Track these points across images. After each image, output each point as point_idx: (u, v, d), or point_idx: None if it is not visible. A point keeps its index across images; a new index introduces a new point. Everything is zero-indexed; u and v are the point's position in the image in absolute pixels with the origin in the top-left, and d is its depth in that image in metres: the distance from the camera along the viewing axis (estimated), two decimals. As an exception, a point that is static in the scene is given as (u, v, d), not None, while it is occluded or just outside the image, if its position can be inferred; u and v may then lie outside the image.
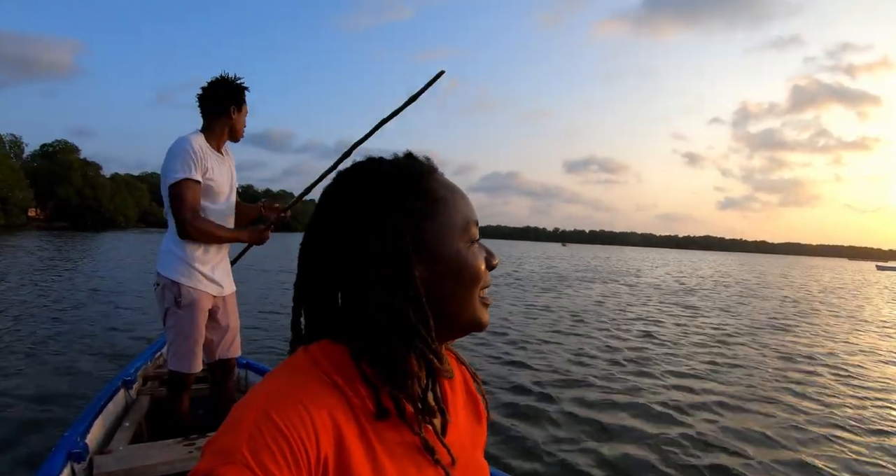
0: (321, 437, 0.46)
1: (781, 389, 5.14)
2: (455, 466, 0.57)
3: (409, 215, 0.54)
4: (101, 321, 6.96)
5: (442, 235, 0.55)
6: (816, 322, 10.69)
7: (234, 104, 2.16)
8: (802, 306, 13.88)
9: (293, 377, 0.51)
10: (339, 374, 0.52)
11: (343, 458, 0.47)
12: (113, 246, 27.05)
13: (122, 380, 2.40)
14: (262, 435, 0.43)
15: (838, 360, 6.84)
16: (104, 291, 9.89)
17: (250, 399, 0.48)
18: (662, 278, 22.78)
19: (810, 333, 9.09)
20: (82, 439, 1.76)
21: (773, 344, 7.74)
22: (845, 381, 5.71)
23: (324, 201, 0.57)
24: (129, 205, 77.86)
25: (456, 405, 0.64)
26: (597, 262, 36.94)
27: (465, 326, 0.57)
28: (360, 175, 0.56)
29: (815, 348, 7.55)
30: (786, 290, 20.06)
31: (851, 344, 8.24)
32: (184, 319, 2.07)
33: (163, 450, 1.79)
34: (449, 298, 0.55)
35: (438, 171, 0.59)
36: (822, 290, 21.38)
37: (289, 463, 0.43)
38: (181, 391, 2.13)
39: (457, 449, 0.58)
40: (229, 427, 0.45)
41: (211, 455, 0.43)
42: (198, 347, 2.10)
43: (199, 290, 2.08)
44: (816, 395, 5.07)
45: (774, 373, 5.85)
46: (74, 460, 1.63)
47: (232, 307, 2.28)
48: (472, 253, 0.57)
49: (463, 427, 0.63)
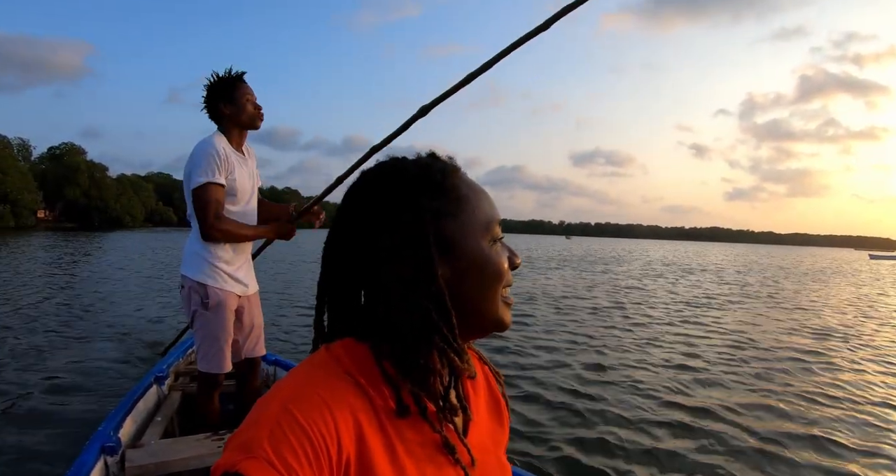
0: (343, 435, 0.46)
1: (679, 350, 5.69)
2: (476, 467, 0.57)
3: (431, 214, 0.54)
4: (128, 317, 7.06)
5: (464, 234, 0.55)
6: (743, 303, 11.22)
7: (221, 100, 2.12)
8: (748, 289, 14.44)
9: (315, 375, 0.51)
10: (360, 372, 0.52)
11: (364, 456, 0.48)
12: (122, 245, 27.66)
13: (155, 376, 2.45)
14: (283, 431, 0.44)
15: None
16: (124, 288, 10.14)
17: (273, 395, 0.48)
18: (652, 266, 23.33)
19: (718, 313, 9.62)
20: (115, 433, 1.79)
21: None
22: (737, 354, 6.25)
23: (347, 200, 0.58)
24: (136, 205, 78.88)
25: (478, 405, 0.64)
26: (601, 254, 37.37)
27: (487, 326, 0.57)
28: (383, 174, 0.57)
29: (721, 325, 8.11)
30: (750, 275, 20.61)
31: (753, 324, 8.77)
32: (211, 321, 2.06)
33: (193, 444, 1.81)
34: (471, 297, 0.55)
35: (461, 170, 0.60)
36: (786, 276, 21.94)
37: (310, 459, 0.43)
38: (212, 390, 2.13)
39: (478, 449, 0.58)
40: (251, 423, 0.46)
41: (233, 449, 0.44)
42: (227, 348, 2.10)
43: (225, 290, 2.07)
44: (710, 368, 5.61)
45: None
46: (107, 453, 1.66)
47: (256, 306, 2.28)
48: (495, 251, 0.57)
49: (484, 427, 0.63)
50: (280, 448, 0.43)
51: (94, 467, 1.56)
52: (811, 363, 5.83)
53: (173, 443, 1.86)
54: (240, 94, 2.12)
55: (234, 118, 2.13)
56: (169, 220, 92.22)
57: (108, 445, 1.66)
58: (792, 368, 5.55)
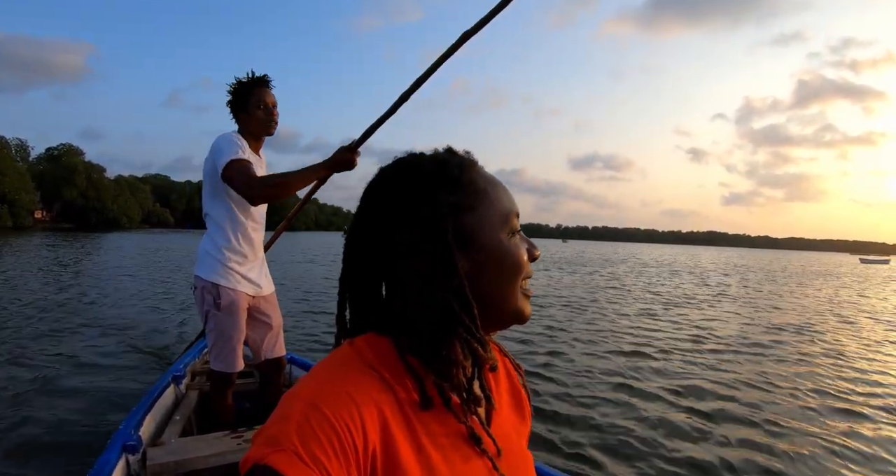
0: (368, 429, 0.47)
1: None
2: (500, 457, 0.57)
3: (449, 207, 0.55)
4: (135, 317, 7.10)
5: (483, 227, 0.56)
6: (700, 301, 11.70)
7: (235, 109, 2.12)
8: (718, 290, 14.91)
9: (339, 370, 0.52)
10: (384, 366, 0.53)
11: (390, 450, 0.48)
12: (118, 245, 27.98)
13: (172, 375, 2.48)
14: (310, 425, 0.45)
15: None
16: (128, 288, 10.25)
17: (298, 391, 0.49)
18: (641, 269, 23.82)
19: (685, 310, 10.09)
20: (136, 432, 1.81)
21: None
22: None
23: (366, 196, 0.59)
24: (132, 206, 79.13)
25: (500, 397, 0.65)
26: (593, 256, 37.84)
27: (507, 318, 0.58)
28: (400, 170, 0.58)
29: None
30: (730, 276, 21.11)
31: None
32: (224, 321, 2.06)
33: (212, 442, 1.83)
34: (491, 289, 0.56)
35: (478, 164, 0.60)
36: (770, 279, 22.43)
37: (337, 453, 0.44)
38: (224, 389, 2.15)
39: (502, 439, 0.59)
40: (279, 417, 0.46)
41: (262, 443, 0.44)
42: (239, 347, 2.11)
43: (237, 290, 2.07)
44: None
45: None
46: (129, 452, 1.67)
47: (272, 306, 2.27)
48: (514, 243, 0.58)
49: (507, 418, 0.64)
50: (307, 441, 0.44)
51: (117, 466, 1.58)
52: (764, 354, 6.33)
53: (193, 441, 1.89)
54: (253, 101, 2.09)
55: (247, 127, 2.12)
56: (166, 222, 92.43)
57: (129, 444, 1.68)
58: (742, 359, 6.05)
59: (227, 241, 2.08)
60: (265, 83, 2.13)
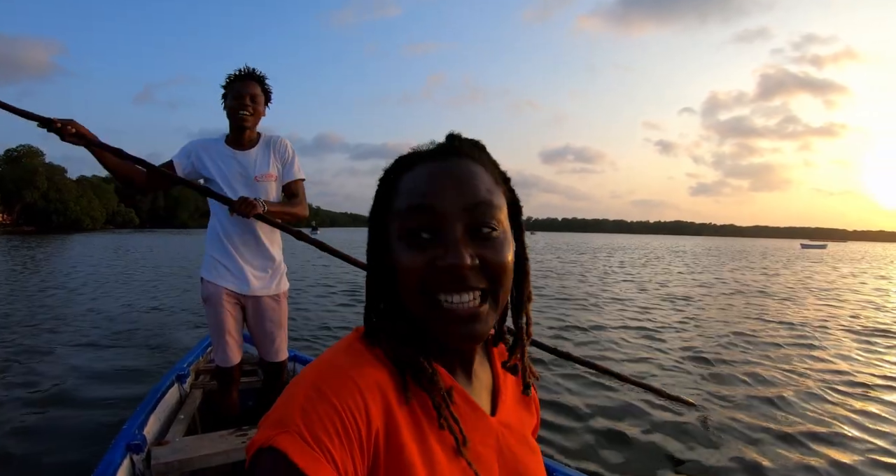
0: (372, 411, 0.48)
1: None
2: (501, 449, 0.57)
3: (376, 204, 0.57)
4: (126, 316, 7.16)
5: (392, 227, 0.54)
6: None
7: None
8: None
9: (344, 355, 0.53)
10: (386, 351, 0.53)
11: (393, 433, 0.49)
12: (70, 247, 27.74)
13: (176, 374, 2.47)
14: (314, 409, 0.45)
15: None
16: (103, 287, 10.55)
17: (303, 375, 0.50)
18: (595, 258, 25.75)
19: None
20: (140, 431, 1.80)
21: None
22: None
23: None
24: (96, 207, 77.94)
25: (506, 388, 0.63)
26: (557, 245, 39.68)
27: (431, 335, 0.53)
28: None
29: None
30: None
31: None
32: (209, 314, 2.12)
33: (216, 441, 1.82)
34: (403, 298, 0.54)
35: (440, 159, 0.54)
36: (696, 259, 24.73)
37: (340, 434, 0.45)
38: (226, 384, 2.17)
39: (505, 430, 0.59)
40: (284, 401, 0.47)
41: (267, 426, 0.45)
42: (227, 341, 2.11)
43: (217, 284, 2.10)
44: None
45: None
46: (133, 452, 1.66)
47: (270, 310, 2.22)
48: (402, 247, 0.52)
49: (511, 407, 0.63)
50: (311, 423, 0.44)
51: (121, 465, 1.58)
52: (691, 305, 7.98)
53: (197, 440, 1.88)
54: (227, 94, 2.16)
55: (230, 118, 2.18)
56: (131, 222, 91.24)
57: (133, 443, 1.68)
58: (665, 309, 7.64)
59: (212, 238, 2.18)
60: (242, 76, 2.17)
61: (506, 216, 0.55)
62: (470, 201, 0.51)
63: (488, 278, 0.52)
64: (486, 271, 0.51)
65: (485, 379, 0.61)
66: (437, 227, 0.51)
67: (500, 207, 0.54)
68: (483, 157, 0.56)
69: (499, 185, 0.56)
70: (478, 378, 0.60)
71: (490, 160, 0.57)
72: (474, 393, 0.59)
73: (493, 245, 0.52)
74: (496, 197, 0.54)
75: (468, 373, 0.59)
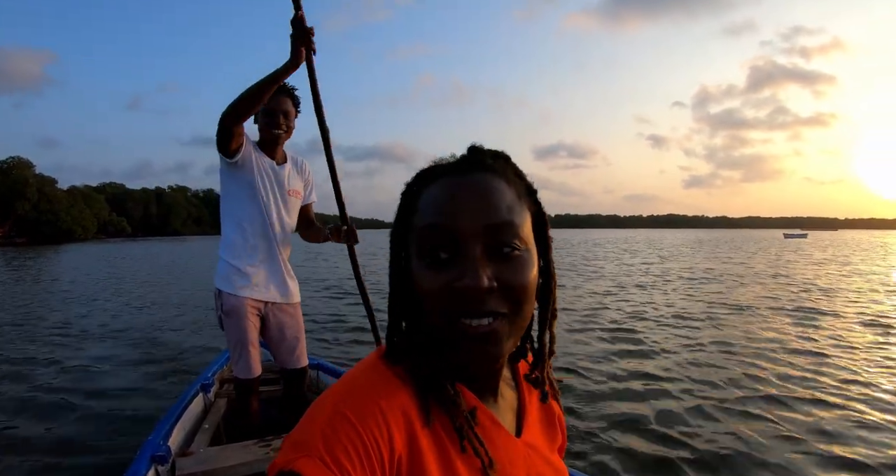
0: (395, 435, 0.47)
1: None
2: (530, 471, 0.56)
3: (398, 222, 0.55)
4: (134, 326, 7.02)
5: (412, 246, 0.53)
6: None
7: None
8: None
9: (367, 377, 0.52)
10: (409, 372, 0.53)
11: (415, 456, 0.48)
12: (63, 258, 27.75)
13: (201, 384, 2.45)
14: (336, 433, 0.45)
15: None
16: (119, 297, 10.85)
17: (326, 397, 0.49)
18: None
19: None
20: (164, 442, 1.80)
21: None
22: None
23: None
24: (87, 216, 78.09)
25: (532, 407, 0.63)
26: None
27: (445, 357, 0.52)
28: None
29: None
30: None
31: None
32: (231, 326, 2.08)
33: (240, 451, 1.82)
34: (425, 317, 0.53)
35: (461, 174, 0.52)
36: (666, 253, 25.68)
37: (361, 458, 0.44)
38: (247, 395, 2.14)
39: (529, 450, 0.58)
40: (306, 423, 0.47)
41: (288, 449, 0.45)
42: (251, 352, 2.09)
43: (239, 296, 2.07)
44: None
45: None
46: (158, 463, 1.66)
47: (291, 317, 2.24)
48: (422, 267, 0.51)
49: (536, 426, 0.62)
50: (333, 448, 0.44)
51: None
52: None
53: (221, 450, 1.87)
54: (260, 110, 2.08)
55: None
56: (123, 231, 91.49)
57: (158, 455, 1.67)
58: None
59: (232, 246, 2.11)
60: (284, 92, 2.12)
61: (530, 231, 0.53)
62: (490, 221, 0.49)
63: (509, 300, 0.50)
64: (505, 293, 0.49)
65: (510, 398, 0.61)
66: (455, 247, 0.49)
67: (522, 225, 0.52)
68: (507, 169, 0.55)
69: (522, 200, 0.54)
70: (503, 397, 0.59)
71: (515, 172, 0.56)
72: (500, 413, 0.57)
73: (514, 265, 0.50)
74: (518, 215, 0.52)
75: (494, 392, 0.58)
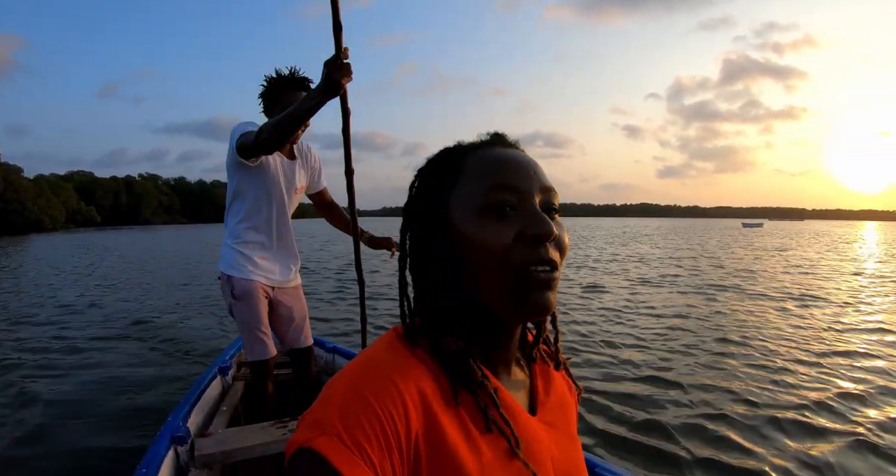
0: (411, 414, 0.47)
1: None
2: (552, 448, 0.57)
3: (428, 190, 0.57)
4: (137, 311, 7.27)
5: (456, 207, 0.54)
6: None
7: (267, 107, 2.09)
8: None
9: (383, 354, 0.52)
10: (427, 350, 0.53)
11: (435, 434, 0.48)
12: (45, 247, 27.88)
13: (219, 366, 2.49)
14: (353, 411, 0.45)
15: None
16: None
17: (342, 375, 0.49)
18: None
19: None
20: (184, 423, 1.83)
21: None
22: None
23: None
24: (55, 206, 76.73)
25: (546, 382, 0.63)
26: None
27: (496, 310, 0.53)
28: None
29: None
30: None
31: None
32: (243, 311, 2.10)
33: (258, 432, 1.85)
34: (467, 276, 0.54)
35: (500, 144, 0.58)
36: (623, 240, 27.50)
37: (379, 439, 0.44)
38: (262, 378, 2.17)
39: (547, 426, 0.58)
40: (323, 402, 0.47)
41: (306, 427, 0.45)
42: (265, 334, 2.12)
43: (250, 280, 2.09)
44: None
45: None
46: (178, 443, 1.69)
47: (295, 299, 2.28)
48: (482, 225, 0.52)
49: (551, 404, 0.62)
50: (350, 426, 0.44)
51: (166, 457, 1.60)
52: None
53: (239, 431, 1.89)
54: (283, 102, 1.98)
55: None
56: (92, 220, 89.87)
57: (177, 435, 1.70)
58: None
59: (239, 231, 2.12)
60: (299, 87, 2.04)
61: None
62: (543, 183, 0.55)
63: (559, 253, 0.53)
64: (557, 246, 0.53)
65: (522, 378, 0.61)
66: (521, 203, 0.52)
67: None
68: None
69: None
70: (516, 377, 0.60)
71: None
72: (514, 392, 0.58)
73: (559, 224, 0.54)
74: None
75: (508, 372, 0.59)
